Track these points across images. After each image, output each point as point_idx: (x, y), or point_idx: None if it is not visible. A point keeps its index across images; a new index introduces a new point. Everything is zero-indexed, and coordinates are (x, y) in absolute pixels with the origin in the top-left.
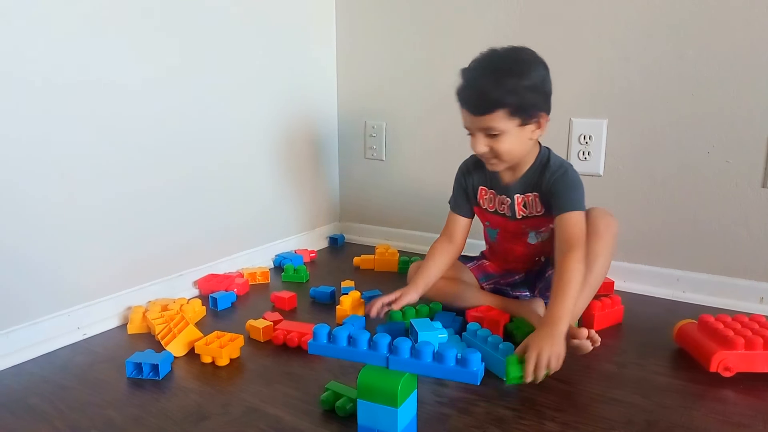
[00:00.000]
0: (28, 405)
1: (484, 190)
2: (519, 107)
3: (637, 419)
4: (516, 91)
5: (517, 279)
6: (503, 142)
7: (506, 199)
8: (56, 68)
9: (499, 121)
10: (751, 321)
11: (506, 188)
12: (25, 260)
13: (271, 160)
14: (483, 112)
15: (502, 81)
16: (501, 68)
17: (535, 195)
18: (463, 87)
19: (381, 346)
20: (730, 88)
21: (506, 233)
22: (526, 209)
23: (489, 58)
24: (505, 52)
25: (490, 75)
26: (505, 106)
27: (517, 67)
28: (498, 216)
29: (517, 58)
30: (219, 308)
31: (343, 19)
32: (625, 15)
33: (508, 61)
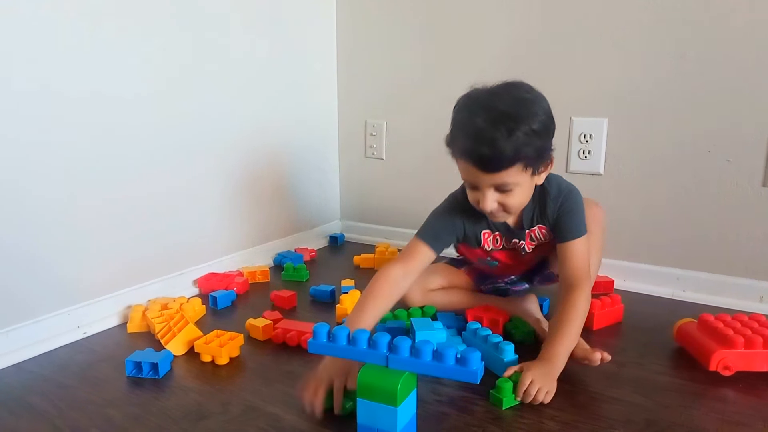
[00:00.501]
0: (27, 403)
1: (488, 233)
2: (535, 158)
3: (636, 418)
4: (530, 142)
5: (513, 278)
6: (515, 196)
7: (519, 242)
8: (61, 73)
9: (514, 176)
10: (750, 320)
11: (515, 232)
12: (25, 259)
13: (271, 159)
14: (497, 169)
15: (516, 133)
16: (510, 116)
17: (540, 227)
18: (467, 142)
19: (381, 345)
20: (731, 86)
21: (510, 260)
22: (533, 242)
23: (489, 104)
24: (505, 93)
25: (500, 127)
26: (521, 161)
27: (524, 110)
28: (506, 251)
29: (520, 98)
30: (219, 307)
31: (344, 17)
32: (626, 13)
33: (514, 105)
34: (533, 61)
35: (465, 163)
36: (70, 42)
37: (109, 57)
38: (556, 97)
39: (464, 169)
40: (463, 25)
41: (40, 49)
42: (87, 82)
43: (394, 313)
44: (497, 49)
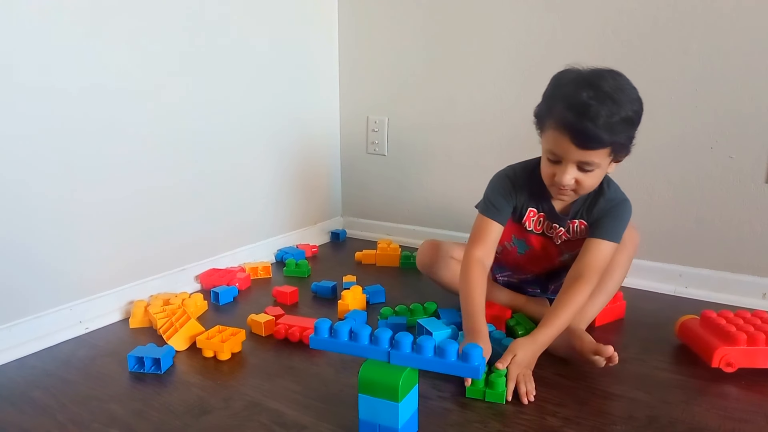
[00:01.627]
0: (30, 398)
1: (534, 212)
2: (623, 145)
3: (638, 414)
4: (625, 129)
5: (529, 277)
6: (592, 177)
7: (558, 228)
8: (62, 68)
9: (600, 157)
10: (753, 317)
11: (559, 217)
12: (27, 255)
13: (273, 155)
14: (593, 147)
15: (616, 117)
16: (614, 99)
17: (581, 222)
18: (569, 114)
19: (382, 340)
20: (734, 83)
21: (540, 251)
22: (570, 234)
23: (596, 83)
24: (609, 76)
25: (604, 106)
26: (613, 145)
27: (625, 97)
28: (544, 237)
29: (621, 84)
30: (221, 303)
31: (346, 13)
32: (629, 9)
33: (617, 90)
34: (536, 56)
35: (559, 135)
36: (70, 37)
37: (108, 52)
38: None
39: (555, 140)
40: (465, 21)
41: (40, 45)
42: (87, 77)
43: (395, 309)
44: (500, 45)
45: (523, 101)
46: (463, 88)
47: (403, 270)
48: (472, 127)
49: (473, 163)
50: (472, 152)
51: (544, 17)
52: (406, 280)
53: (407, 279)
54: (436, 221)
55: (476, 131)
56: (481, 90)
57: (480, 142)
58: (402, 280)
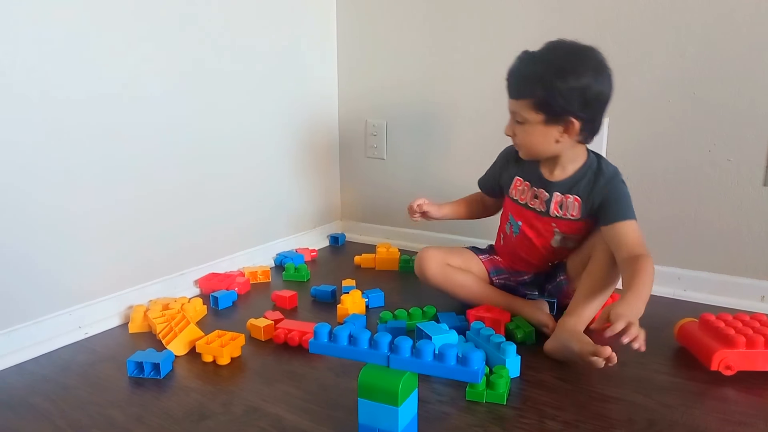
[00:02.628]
0: (29, 404)
1: (519, 181)
2: (545, 104)
3: (638, 418)
4: (547, 88)
5: (525, 279)
6: (525, 132)
7: (544, 193)
8: (61, 75)
9: (524, 110)
10: (752, 319)
11: (547, 183)
12: (26, 260)
13: (272, 159)
14: (513, 96)
15: (540, 74)
16: (547, 61)
17: (575, 198)
18: (510, 67)
19: (382, 345)
20: (732, 86)
21: (531, 230)
22: (560, 209)
23: (547, 48)
24: (566, 47)
25: (533, 64)
26: (532, 97)
27: (565, 65)
28: (528, 210)
29: (571, 57)
30: (220, 307)
31: (345, 17)
32: (627, 12)
33: (559, 58)
34: None
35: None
36: (70, 43)
37: (107, 58)
38: None
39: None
40: (464, 25)
41: (39, 50)
42: (86, 84)
43: (395, 314)
44: (499, 48)
45: None
46: (463, 92)
47: (403, 274)
48: (471, 131)
49: (473, 168)
50: (471, 155)
51: (542, 20)
52: (406, 284)
53: (407, 283)
54: (435, 225)
55: (476, 135)
56: (481, 94)
57: (480, 146)
58: (401, 284)
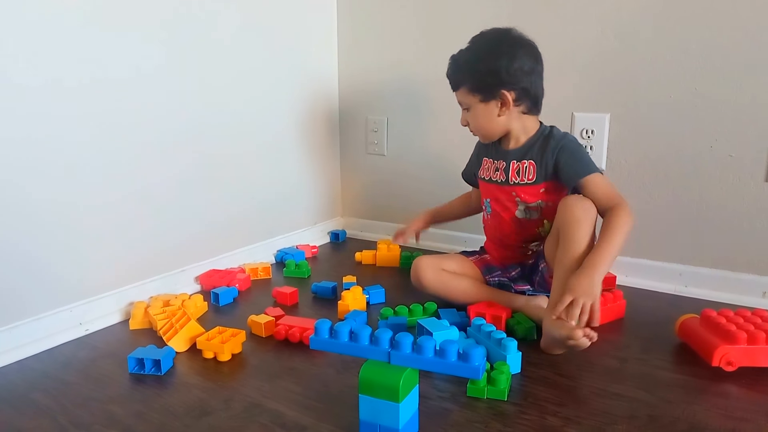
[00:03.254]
0: (30, 400)
1: (486, 160)
2: (476, 86)
3: (639, 414)
4: (472, 71)
5: (515, 274)
6: (474, 117)
7: (502, 163)
8: (61, 71)
9: (464, 97)
10: (753, 315)
11: (504, 153)
12: (27, 256)
13: (272, 156)
14: (453, 88)
15: (462, 62)
16: (469, 51)
17: (530, 162)
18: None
19: (383, 341)
20: (734, 82)
21: (497, 204)
22: (518, 176)
23: (470, 41)
24: (487, 35)
25: (458, 56)
26: (464, 84)
27: (482, 48)
28: (491, 184)
29: (488, 41)
30: (221, 304)
31: (345, 13)
32: (629, 8)
33: (477, 44)
34: None
35: None
36: (69, 34)
37: (108, 54)
38: (558, 93)
39: None
40: (464, 21)
41: (39, 45)
42: (86, 80)
43: (395, 310)
44: None
45: None
46: None
47: (403, 270)
48: None
49: None
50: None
51: (542, 18)
52: (406, 281)
53: (407, 279)
54: None
55: None
56: None
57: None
58: (402, 281)
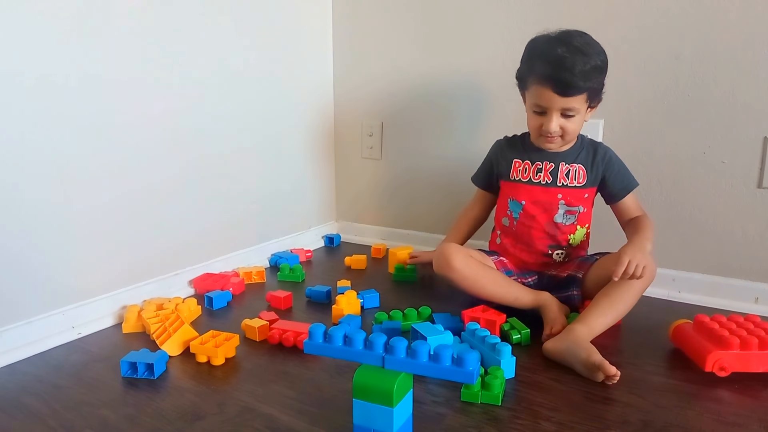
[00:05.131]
0: (22, 404)
1: (518, 162)
2: (596, 91)
3: (632, 419)
4: (597, 76)
5: (530, 281)
6: (574, 123)
7: (549, 164)
8: (55, 70)
9: (579, 103)
10: (746, 321)
11: (552, 155)
12: (19, 259)
13: (267, 160)
14: (572, 93)
15: (589, 64)
16: (583, 51)
17: (580, 167)
18: (548, 68)
19: (377, 345)
20: (726, 88)
21: (535, 206)
22: (567, 178)
23: (566, 40)
24: (576, 34)
25: (577, 57)
26: (589, 90)
27: (592, 49)
28: (531, 185)
29: (587, 39)
30: (214, 307)
31: (340, 17)
32: (622, 15)
33: (584, 44)
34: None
35: (541, 88)
36: (62, 38)
37: (99, 49)
38: None
39: (538, 94)
40: (459, 26)
41: (31, 45)
42: (79, 79)
43: (390, 314)
44: (494, 49)
45: (516, 107)
46: (458, 93)
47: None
48: (467, 132)
49: (468, 168)
50: (467, 157)
51: (536, 24)
52: (401, 285)
53: (402, 284)
54: (431, 225)
55: (471, 136)
56: (476, 95)
57: (475, 147)
58: (396, 285)
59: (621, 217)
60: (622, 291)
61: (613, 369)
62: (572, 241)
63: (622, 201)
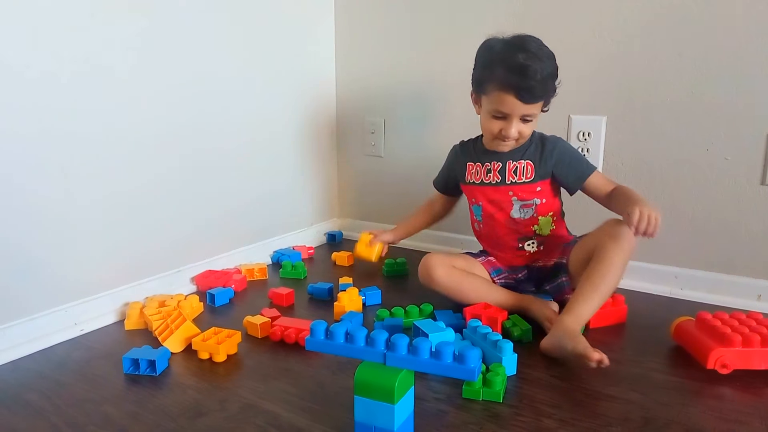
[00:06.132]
0: (24, 401)
1: (471, 165)
2: (551, 96)
3: (634, 416)
4: (553, 81)
5: (521, 276)
6: (530, 127)
7: (497, 164)
8: (58, 67)
9: (537, 108)
10: (748, 318)
11: (498, 155)
12: (22, 255)
13: (269, 157)
14: (534, 101)
15: (548, 72)
16: (543, 58)
17: (528, 162)
18: (511, 75)
19: (378, 342)
20: (729, 85)
21: (490, 206)
22: (515, 175)
23: (524, 46)
24: (530, 39)
25: (538, 64)
26: (545, 97)
27: (546, 54)
28: (483, 186)
29: (541, 45)
30: (216, 304)
31: (342, 14)
32: (625, 11)
33: (540, 49)
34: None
35: (503, 94)
36: (67, 29)
37: (104, 51)
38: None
39: (500, 100)
40: (460, 23)
41: (34, 42)
42: (82, 76)
43: (391, 311)
44: None
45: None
46: (460, 90)
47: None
48: (468, 130)
49: None
50: None
51: (538, 20)
52: (402, 282)
53: (403, 281)
54: None
55: (473, 133)
56: None
57: None
58: (398, 282)
59: (597, 198)
60: (603, 270)
61: (595, 354)
62: (539, 231)
63: (585, 185)
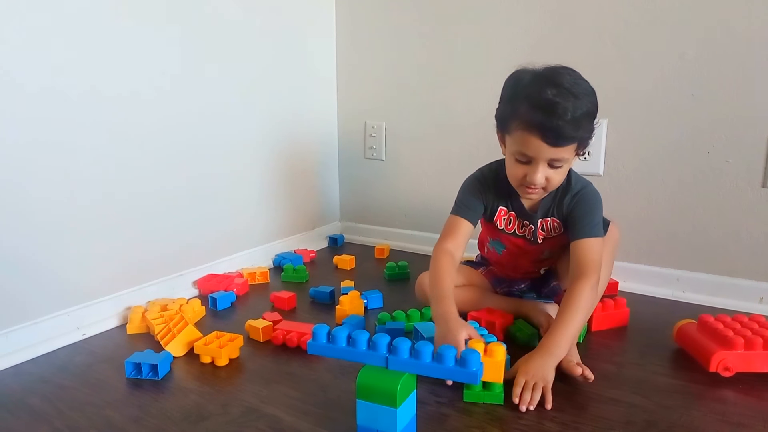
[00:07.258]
0: (27, 405)
1: (504, 211)
2: (587, 138)
3: (636, 419)
4: (589, 122)
5: (524, 287)
6: (561, 173)
7: (530, 225)
8: (61, 73)
9: (569, 152)
10: (750, 321)
11: (529, 214)
12: (24, 260)
13: (271, 160)
14: (562, 143)
15: (584, 111)
16: (575, 94)
17: (553, 219)
18: (537, 114)
19: (380, 346)
20: (730, 88)
21: (516, 249)
22: (544, 232)
23: (555, 81)
24: (565, 72)
25: (569, 103)
26: (581, 138)
27: (583, 91)
28: (517, 238)
29: (578, 79)
30: (218, 308)
31: (344, 18)
32: (625, 14)
33: (575, 85)
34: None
35: (528, 135)
36: (70, 40)
37: (108, 55)
38: None
39: (523, 141)
40: (462, 27)
41: (38, 49)
42: (84, 82)
43: (393, 315)
44: (496, 51)
45: None
46: (461, 93)
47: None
48: (469, 132)
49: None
50: (469, 157)
51: (540, 23)
52: (404, 286)
53: (405, 284)
54: (434, 226)
55: (473, 136)
56: (479, 95)
57: (477, 146)
58: (400, 286)
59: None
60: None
61: (578, 370)
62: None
63: (574, 243)
